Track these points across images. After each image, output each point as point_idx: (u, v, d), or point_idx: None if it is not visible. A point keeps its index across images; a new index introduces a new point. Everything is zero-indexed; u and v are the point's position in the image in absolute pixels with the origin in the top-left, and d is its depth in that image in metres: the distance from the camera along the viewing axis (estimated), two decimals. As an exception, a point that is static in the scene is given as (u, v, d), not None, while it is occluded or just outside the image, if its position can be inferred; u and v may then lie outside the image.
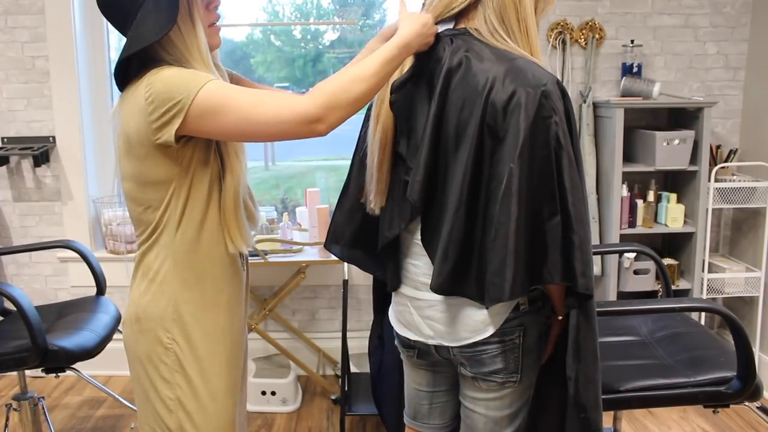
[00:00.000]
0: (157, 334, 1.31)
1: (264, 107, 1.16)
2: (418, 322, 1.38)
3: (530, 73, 1.20)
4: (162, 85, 1.17)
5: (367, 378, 2.72)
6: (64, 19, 2.85)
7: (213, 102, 1.16)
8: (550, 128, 1.18)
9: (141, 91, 1.19)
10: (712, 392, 1.59)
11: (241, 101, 1.16)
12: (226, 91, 1.17)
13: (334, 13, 3.20)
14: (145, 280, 1.32)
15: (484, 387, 1.35)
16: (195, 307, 1.33)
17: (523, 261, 1.20)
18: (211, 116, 1.16)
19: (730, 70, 3.01)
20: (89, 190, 3.01)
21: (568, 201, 1.19)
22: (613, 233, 2.80)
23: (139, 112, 1.19)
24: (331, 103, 1.16)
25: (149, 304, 1.31)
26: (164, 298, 1.31)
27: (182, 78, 1.17)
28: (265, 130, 1.17)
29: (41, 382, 3.01)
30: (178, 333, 1.31)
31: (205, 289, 1.33)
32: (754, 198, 2.83)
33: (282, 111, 1.15)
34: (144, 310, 1.32)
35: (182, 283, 1.31)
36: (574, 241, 1.20)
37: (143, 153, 1.22)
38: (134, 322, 1.33)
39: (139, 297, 1.32)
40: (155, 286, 1.31)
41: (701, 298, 2.79)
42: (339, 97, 1.16)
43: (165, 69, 1.20)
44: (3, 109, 2.94)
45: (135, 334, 1.33)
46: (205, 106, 1.16)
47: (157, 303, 1.31)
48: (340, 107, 1.17)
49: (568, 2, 2.91)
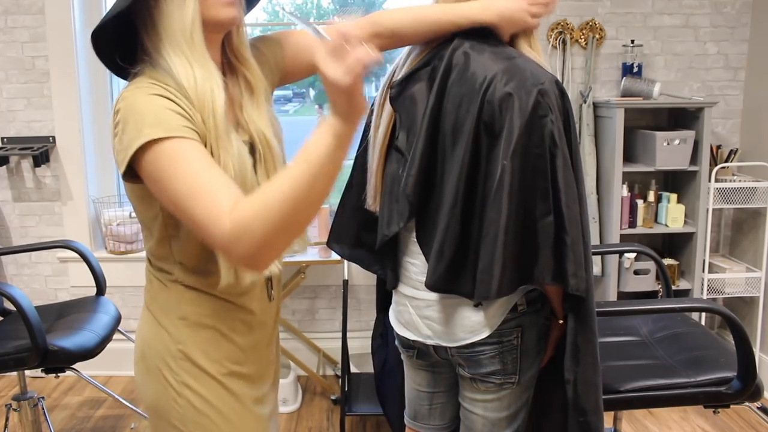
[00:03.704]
0: (165, 374, 1.12)
1: (196, 208, 0.92)
2: (417, 322, 1.38)
3: (528, 72, 1.20)
4: (122, 117, 0.97)
5: (368, 378, 2.72)
6: (64, 19, 2.85)
7: (153, 167, 0.95)
8: (545, 127, 1.18)
9: (114, 106, 1.01)
10: (713, 392, 1.58)
11: (179, 184, 0.93)
12: (174, 163, 0.94)
13: (334, 13, 3.20)
14: (148, 311, 1.15)
15: (482, 388, 1.34)
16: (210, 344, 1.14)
17: (511, 259, 1.20)
18: (149, 179, 0.97)
19: (730, 70, 3.01)
20: (89, 190, 3.01)
21: (562, 201, 1.19)
22: (614, 233, 2.80)
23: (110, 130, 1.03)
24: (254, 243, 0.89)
25: (153, 340, 1.13)
26: (169, 335, 1.12)
27: (134, 122, 0.95)
28: (194, 226, 0.94)
29: (41, 382, 3.01)
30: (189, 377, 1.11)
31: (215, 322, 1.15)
32: (755, 198, 2.83)
33: (208, 225, 0.91)
34: (149, 346, 1.14)
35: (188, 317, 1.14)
36: (566, 242, 1.20)
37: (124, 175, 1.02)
38: (141, 359, 1.14)
39: (145, 331, 1.15)
40: (158, 319, 1.13)
41: (701, 299, 2.78)
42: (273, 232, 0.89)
43: (133, 92, 0.98)
44: (3, 109, 2.93)
45: (142, 372, 1.14)
46: (144, 166, 0.96)
47: (161, 338, 1.12)
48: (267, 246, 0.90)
49: (568, 2, 2.91)
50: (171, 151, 0.94)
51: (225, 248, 0.91)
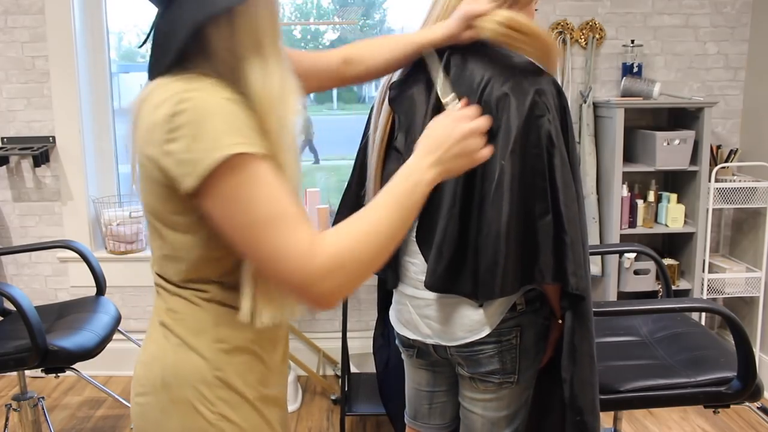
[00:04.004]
0: (196, 406, 0.98)
1: (278, 239, 0.84)
2: (417, 321, 1.38)
3: (525, 72, 1.20)
4: (187, 130, 0.83)
5: (368, 378, 2.72)
6: (64, 19, 2.85)
7: (226, 186, 0.84)
8: (542, 126, 1.18)
9: (161, 117, 0.85)
10: (713, 392, 1.58)
11: (256, 211, 0.84)
12: (249, 182, 0.84)
13: (334, 13, 3.20)
14: (175, 334, 0.99)
15: (482, 388, 1.35)
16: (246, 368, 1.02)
17: (513, 259, 1.20)
18: (220, 199, 0.85)
19: (730, 70, 3.01)
20: (89, 190, 3.01)
21: (560, 200, 1.19)
22: (614, 233, 2.80)
23: (154, 141, 0.87)
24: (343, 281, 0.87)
25: (184, 366, 0.98)
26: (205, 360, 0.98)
27: (211, 133, 0.83)
28: (260, 261, 0.86)
29: (41, 382, 3.01)
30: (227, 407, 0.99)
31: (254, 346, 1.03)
32: (755, 198, 2.83)
33: (292, 263, 0.84)
34: (176, 374, 0.98)
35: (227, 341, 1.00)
36: (565, 241, 1.20)
37: (156, 189, 0.90)
38: (162, 389, 0.98)
39: (170, 356, 0.99)
40: (190, 342, 0.99)
41: (701, 299, 2.78)
42: (352, 272, 0.88)
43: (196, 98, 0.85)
44: (3, 109, 2.93)
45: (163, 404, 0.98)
46: (219, 186, 0.84)
47: (195, 365, 0.98)
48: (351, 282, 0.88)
49: (568, 2, 2.91)
50: (253, 169, 0.84)
51: (306, 285, 0.84)
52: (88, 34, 2.99)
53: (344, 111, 3.38)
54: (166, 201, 0.90)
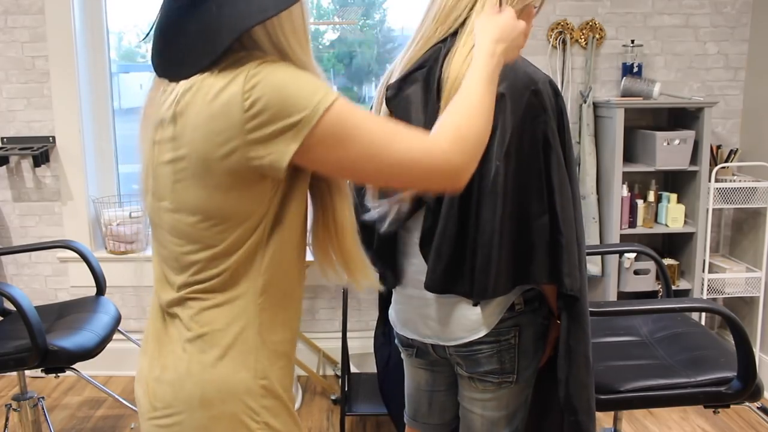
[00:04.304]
0: (241, 419, 0.94)
1: (398, 145, 0.89)
2: (416, 321, 1.38)
3: (522, 72, 1.20)
4: (275, 91, 0.84)
5: (368, 378, 2.72)
6: (64, 19, 2.85)
7: (340, 127, 0.86)
8: (538, 127, 1.18)
9: (233, 95, 0.84)
10: (713, 392, 1.58)
11: (372, 132, 0.88)
12: (356, 115, 0.88)
13: (334, 13, 3.20)
14: (215, 347, 0.94)
15: (481, 387, 1.35)
16: (283, 373, 1.00)
17: (507, 259, 1.21)
18: (335, 146, 0.87)
19: (730, 70, 3.01)
20: (89, 190, 3.01)
21: (556, 201, 1.20)
22: (614, 233, 2.80)
23: (229, 125, 0.85)
24: (470, 148, 0.95)
25: (228, 379, 0.93)
26: (251, 370, 0.95)
27: (304, 85, 0.85)
28: (393, 175, 0.91)
29: (41, 382, 3.01)
30: (270, 415, 0.96)
31: (290, 350, 1.01)
32: (755, 198, 2.83)
33: (418, 156, 0.90)
34: (219, 389, 0.93)
35: (271, 347, 0.97)
36: (560, 242, 1.20)
37: (227, 181, 0.88)
38: (201, 407, 0.93)
39: (209, 371, 0.93)
40: (234, 354, 0.94)
41: (701, 299, 2.78)
42: (472, 138, 0.96)
43: (272, 65, 0.86)
44: (3, 109, 2.93)
45: (203, 422, 0.93)
46: (332, 132, 0.86)
47: (240, 377, 0.94)
48: (477, 150, 0.97)
49: (568, 2, 2.91)
50: (346, 103, 0.88)
51: (445, 168, 0.92)
52: (88, 34, 2.99)
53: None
54: (230, 189, 0.88)
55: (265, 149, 0.85)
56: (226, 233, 0.91)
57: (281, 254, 0.95)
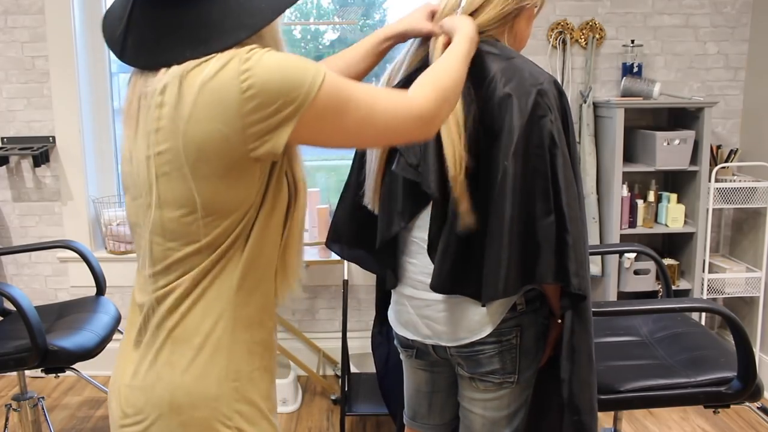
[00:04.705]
0: (212, 425, 0.90)
1: (382, 104, 0.93)
2: (416, 322, 1.38)
3: (527, 72, 1.20)
4: (268, 74, 0.84)
5: (368, 378, 2.72)
6: (64, 19, 2.85)
7: (336, 99, 0.89)
8: (544, 127, 1.18)
9: (227, 79, 0.83)
10: (713, 392, 1.58)
11: (360, 99, 0.91)
12: (344, 86, 0.90)
13: (334, 13, 3.20)
14: (186, 348, 0.91)
15: (482, 387, 1.35)
16: (260, 377, 0.96)
17: (515, 260, 1.20)
18: (331, 118, 0.89)
19: (730, 70, 3.01)
20: (89, 190, 3.01)
21: (562, 200, 1.20)
22: (614, 233, 2.80)
23: (224, 109, 0.84)
24: (442, 99, 1.02)
25: (199, 382, 0.90)
26: (223, 371, 0.92)
27: (294, 65, 0.86)
28: (379, 133, 0.95)
29: (41, 382, 3.01)
30: (243, 421, 0.93)
31: (264, 352, 0.97)
32: (755, 198, 2.83)
33: (399, 109, 0.95)
34: (189, 393, 0.90)
35: (244, 347, 0.94)
36: (567, 241, 1.20)
37: (220, 169, 0.86)
38: (170, 412, 0.90)
39: (178, 374, 0.90)
40: (205, 355, 0.91)
41: (701, 299, 2.78)
42: (447, 92, 1.04)
43: (261, 49, 0.87)
44: (3, 109, 2.93)
45: (172, 428, 0.90)
46: (327, 105, 0.88)
47: (211, 379, 0.91)
48: (449, 103, 1.05)
49: (568, 2, 2.91)
50: (334, 80, 0.89)
51: (427, 120, 0.98)
52: (88, 34, 2.99)
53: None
54: (223, 178, 0.87)
55: (262, 136, 0.86)
56: (210, 226, 0.89)
57: (260, 249, 0.94)
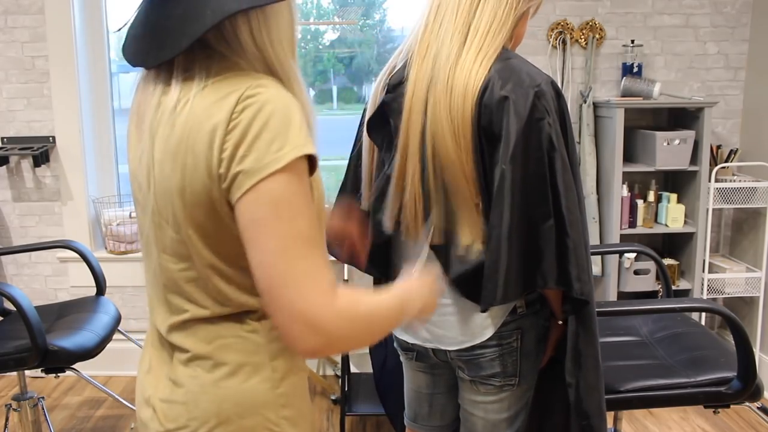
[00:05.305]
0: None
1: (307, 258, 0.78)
2: (416, 325, 1.37)
3: (524, 73, 1.19)
4: (280, 116, 0.78)
5: (368, 378, 2.72)
6: (64, 19, 2.85)
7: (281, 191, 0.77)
8: (543, 130, 1.17)
9: (225, 104, 0.79)
10: (713, 392, 1.58)
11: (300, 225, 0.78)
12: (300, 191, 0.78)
13: (334, 13, 3.20)
14: (223, 362, 0.88)
15: (483, 390, 1.34)
16: (298, 376, 0.94)
17: (515, 265, 1.19)
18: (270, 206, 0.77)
19: (730, 70, 3.01)
20: (89, 190, 3.01)
21: (562, 204, 1.18)
22: (614, 233, 2.80)
23: (207, 132, 0.79)
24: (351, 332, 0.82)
25: (244, 391, 0.88)
26: (267, 377, 0.89)
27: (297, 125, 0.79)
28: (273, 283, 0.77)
29: (41, 382, 3.01)
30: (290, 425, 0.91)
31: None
32: (755, 198, 2.83)
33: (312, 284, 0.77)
34: (237, 403, 0.87)
35: (281, 346, 0.91)
36: (568, 245, 1.19)
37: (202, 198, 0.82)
38: (219, 424, 0.87)
39: (222, 385, 0.88)
40: (248, 366, 0.89)
41: (701, 299, 2.78)
42: (363, 333, 0.85)
43: (279, 89, 0.81)
44: (3, 109, 2.93)
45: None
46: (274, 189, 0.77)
47: (256, 386, 0.89)
48: (357, 341, 0.84)
49: (568, 2, 2.91)
50: (305, 179, 0.79)
51: (318, 321, 0.77)
52: (88, 34, 2.99)
53: (344, 111, 3.37)
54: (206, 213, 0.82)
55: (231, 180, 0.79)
56: (230, 239, 0.84)
57: None
